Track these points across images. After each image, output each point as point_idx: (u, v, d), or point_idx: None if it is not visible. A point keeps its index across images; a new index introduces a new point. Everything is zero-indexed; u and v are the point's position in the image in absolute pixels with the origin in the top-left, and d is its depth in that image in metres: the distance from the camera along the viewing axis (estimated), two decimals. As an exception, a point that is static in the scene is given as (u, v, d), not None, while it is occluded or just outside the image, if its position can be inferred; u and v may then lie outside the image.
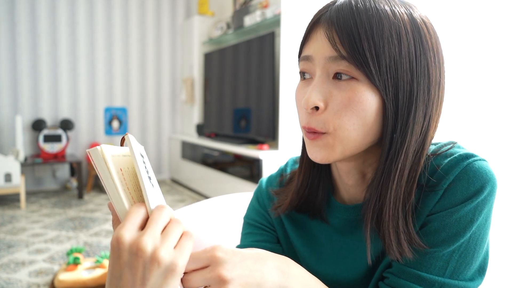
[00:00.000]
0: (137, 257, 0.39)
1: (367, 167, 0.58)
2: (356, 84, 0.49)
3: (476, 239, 0.51)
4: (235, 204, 0.98)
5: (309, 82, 0.54)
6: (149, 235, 0.40)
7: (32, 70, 4.05)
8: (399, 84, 0.49)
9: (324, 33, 0.51)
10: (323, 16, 0.52)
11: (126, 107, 4.54)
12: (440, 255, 0.51)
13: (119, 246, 0.39)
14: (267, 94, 3.08)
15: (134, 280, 0.39)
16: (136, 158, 0.42)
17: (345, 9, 0.50)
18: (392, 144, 0.51)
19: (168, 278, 0.40)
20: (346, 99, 0.49)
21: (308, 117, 0.52)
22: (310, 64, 0.53)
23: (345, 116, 0.50)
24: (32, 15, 4.01)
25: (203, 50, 4.30)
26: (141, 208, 0.42)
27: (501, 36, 1.57)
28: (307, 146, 0.55)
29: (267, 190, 0.72)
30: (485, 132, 1.62)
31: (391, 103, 0.50)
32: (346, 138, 0.51)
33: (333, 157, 0.53)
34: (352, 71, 0.49)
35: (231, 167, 3.37)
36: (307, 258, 0.66)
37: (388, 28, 0.48)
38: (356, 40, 0.48)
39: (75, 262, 2.03)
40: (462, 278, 0.51)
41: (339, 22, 0.49)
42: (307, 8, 2.79)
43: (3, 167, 3.38)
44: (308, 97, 0.50)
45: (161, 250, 0.39)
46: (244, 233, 0.72)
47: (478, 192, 0.51)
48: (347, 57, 0.48)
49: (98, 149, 0.41)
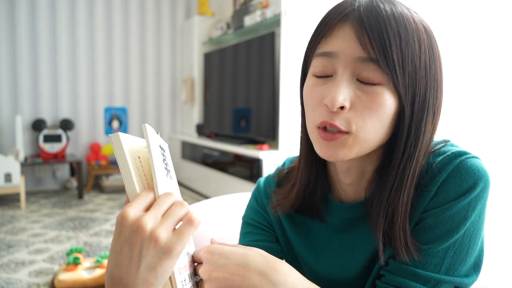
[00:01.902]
0: (136, 234, 0.40)
1: (366, 166, 0.58)
2: (380, 88, 0.49)
3: (470, 235, 0.52)
4: (235, 204, 0.98)
5: (327, 79, 0.53)
6: (151, 215, 0.41)
7: (32, 70, 4.05)
8: (416, 90, 0.50)
9: (353, 32, 0.50)
10: (350, 13, 0.51)
11: (126, 107, 4.54)
12: (435, 251, 0.52)
13: (122, 221, 0.41)
14: (267, 94, 3.08)
15: (131, 256, 0.41)
16: (150, 146, 0.44)
17: (374, 11, 0.49)
18: (406, 148, 0.52)
19: (163, 259, 0.41)
20: (371, 102, 0.49)
21: (331, 114, 0.51)
22: (332, 61, 0.51)
23: (368, 118, 0.50)
24: (32, 16, 4.01)
25: (203, 50, 4.30)
26: (150, 193, 0.44)
27: (492, 35, 1.57)
28: (319, 145, 0.53)
29: (265, 190, 0.72)
30: (477, 130, 1.62)
31: (408, 108, 0.51)
32: (365, 139, 0.51)
33: (348, 157, 0.52)
34: (378, 74, 0.49)
35: (231, 167, 3.37)
36: (306, 257, 0.66)
37: (411, 34, 0.49)
38: (387, 44, 0.48)
39: (75, 262, 2.03)
40: (458, 275, 0.52)
41: (370, 23, 0.48)
42: (307, 8, 2.79)
43: (3, 167, 3.38)
44: (335, 96, 0.49)
45: (159, 229, 0.41)
46: (242, 233, 0.72)
47: (471, 189, 0.51)
48: (377, 60, 0.48)
49: (118, 135, 0.44)
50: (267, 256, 0.50)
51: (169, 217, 0.42)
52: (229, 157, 3.40)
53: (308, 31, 2.72)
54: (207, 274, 0.48)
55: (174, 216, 0.43)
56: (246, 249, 0.50)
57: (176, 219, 0.43)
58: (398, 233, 0.52)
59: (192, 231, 0.43)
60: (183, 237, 0.42)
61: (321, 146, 0.53)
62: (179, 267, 0.45)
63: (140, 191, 0.44)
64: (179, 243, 0.41)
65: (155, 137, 0.46)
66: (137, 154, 0.46)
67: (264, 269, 0.48)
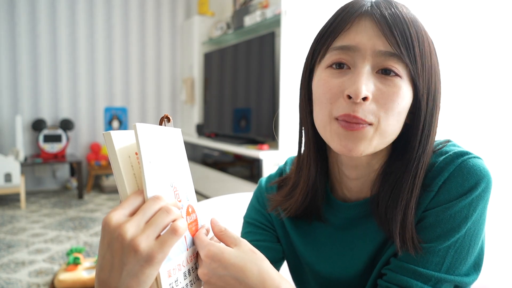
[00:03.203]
0: (117, 241, 0.39)
1: (374, 164, 0.58)
2: (400, 81, 0.51)
3: (471, 235, 0.52)
4: (235, 204, 0.98)
5: (345, 72, 0.52)
6: (133, 222, 0.40)
7: (32, 70, 4.05)
8: (430, 87, 0.52)
9: (375, 27, 0.51)
10: (369, 10, 0.52)
11: (126, 107, 4.54)
12: (436, 250, 0.52)
13: (105, 227, 0.40)
14: (267, 94, 3.08)
15: (113, 262, 0.40)
16: (141, 149, 0.41)
17: (392, 8, 0.52)
18: (420, 143, 0.53)
19: (145, 267, 0.40)
20: (392, 94, 0.50)
21: (353, 106, 0.50)
22: (352, 54, 0.51)
23: (390, 110, 0.50)
24: (32, 15, 4.01)
25: (203, 50, 4.30)
26: (139, 196, 0.42)
27: (489, 35, 1.57)
28: (338, 137, 0.52)
29: (266, 190, 0.72)
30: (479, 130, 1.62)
31: (424, 102, 0.52)
32: (385, 131, 0.51)
33: (367, 151, 0.52)
34: (400, 68, 0.50)
35: (231, 167, 3.37)
36: (308, 257, 0.66)
37: (424, 35, 0.52)
38: (409, 40, 0.50)
39: (75, 262, 2.03)
40: (458, 273, 0.52)
41: (392, 19, 0.50)
42: (307, 8, 2.79)
43: (3, 167, 3.38)
44: (359, 86, 0.49)
45: (139, 239, 0.39)
46: (244, 232, 0.72)
47: (472, 189, 0.51)
48: (401, 54, 0.50)
49: (109, 133, 0.42)
50: (265, 275, 0.48)
51: (152, 225, 0.40)
52: (229, 157, 3.40)
53: (308, 31, 2.71)
54: (206, 278, 0.48)
55: (158, 224, 0.41)
56: (247, 261, 0.48)
57: (160, 227, 0.41)
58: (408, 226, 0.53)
59: (175, 240, 0.41)
60: (165, 246, 0.40)
61: (340, 138, 0.52)
62: (170, 269, 0.44)
63: (130, 193, 0.42)
64: (160, 252, 0.40)
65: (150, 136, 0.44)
66: (134, 150, 0.44)
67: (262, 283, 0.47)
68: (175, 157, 0.49)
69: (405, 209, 0.53)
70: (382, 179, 0.57)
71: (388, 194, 0.55)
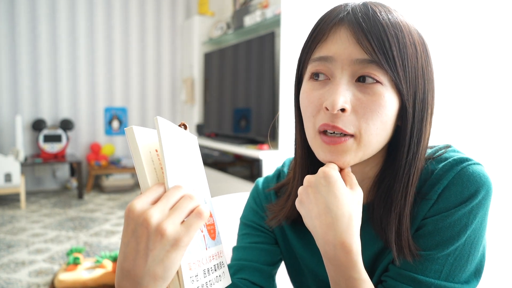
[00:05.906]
0: (142, 227, 0.40)
1: (367, 172, 0.58)
2: (380, 88, 0.49)
3: (471, 242, 0.51)
4: (235, 204, 0.98)
5: (324, 83, 0.52)
6: (157, 208, 0.41)
7: (32, 70, 4.05)
8: (416, 89, 0.51)
9: (350, 35, 0.49)
10: (344, 17, 0.51)
11: (126, 107, 4.54)
12: (435, 258, 0.51)
13: (129, 214, 0.41)
14: (267, 94, 3.08)
15: (138, 249, 0.40)
16: (161, 138, 0.43)
17: (370, 14, 0.50)
18: (410, 149, 0.52)
19: (171, 252, 0.40)
20: (372, 103, 0.49)
21: (332, 117, 0.50)
22: (329, 65, 0.51)
23: (371, 120, 0.49)
24: (32, 15, 4.01)
25: (203, 50, 4.30)
26: (161, 187, 0.43)
27: (492, 36, 1.57)
28: (322, 151, 0.52)
29: (263, 190, 0.72)
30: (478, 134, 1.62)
31: (410, 108, 0.51)
32: (369, 142, 0.50)
33: (352, 162, 0.52)
34: (379, 75, 0.49)
35: (231, 167, 3.37)
36: (307, 260, 0.66)
37: (407, 37, 0.50)
38: (386, 45, 0.48)
39: (75, 262, 2.04)
40: (458, 281, 0.51)
41: (367, 25, 0.49)
42: (307, 8, 2.79)
43: (3, 167, 3.38)
44: (335, 98, 0.48)
45: (166, 223, 0.40)
46: (241, 234, 0.72)
47: (472, 196, 0.51)
48: (378, 61, 0.48)
49: (132, 128, 0.44)
50: (352, 229, 0.48)
51: (177, 210, 0.42)
52: (229, 157, 3.40)
53: (308, 31, 2.71)
54: (305, 191, 0.51)
55: (182, 209, 0.42)
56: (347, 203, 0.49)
57: (185, 212, 0.42)
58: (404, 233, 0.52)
59: (201, 223, 0.42)
60: (191, 229, 0.41)
61: (324, 152, 0.52)
62: (190, 262, 0.44)
63: (151, 184, 0.44)
64: (186, 235, 0.41)
65: (170, 130, 0.45)
66: (154, 147, 0.45)
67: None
68: (192, 160, 0.50)
69: (399, 217, 0.52)
70: (375, 187, 0.56)
71: (382, 201, 0.54)
